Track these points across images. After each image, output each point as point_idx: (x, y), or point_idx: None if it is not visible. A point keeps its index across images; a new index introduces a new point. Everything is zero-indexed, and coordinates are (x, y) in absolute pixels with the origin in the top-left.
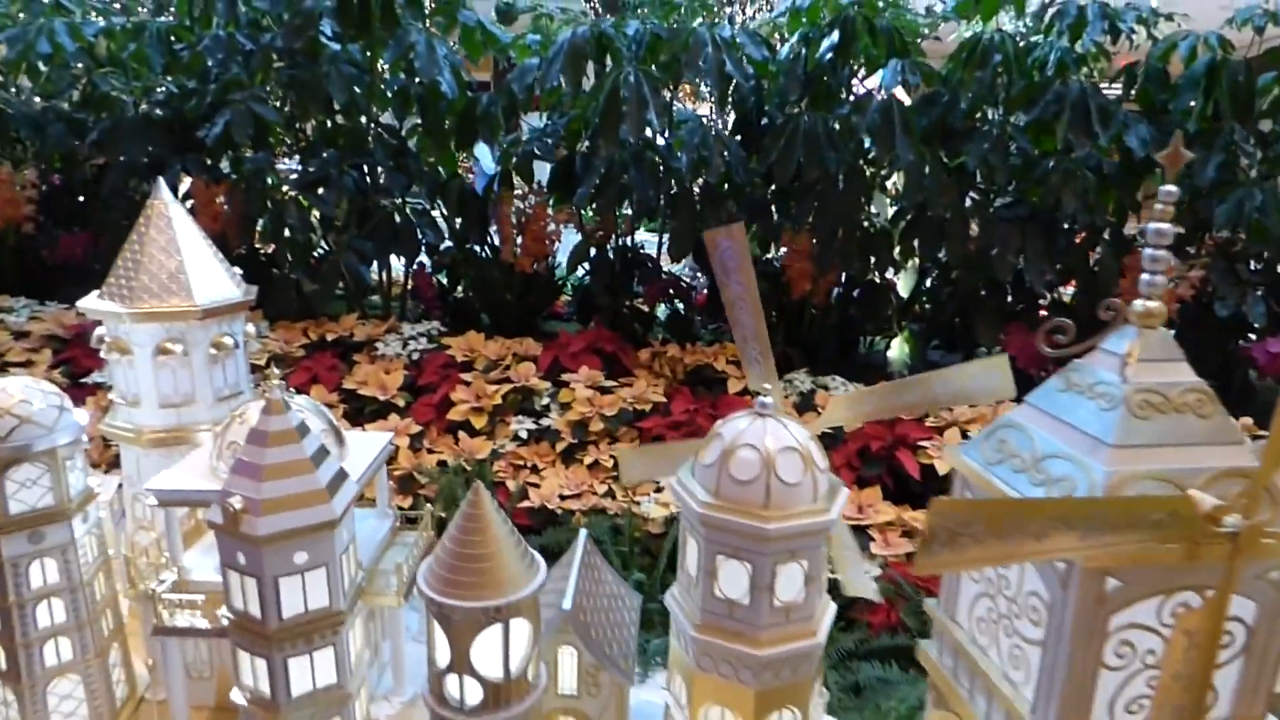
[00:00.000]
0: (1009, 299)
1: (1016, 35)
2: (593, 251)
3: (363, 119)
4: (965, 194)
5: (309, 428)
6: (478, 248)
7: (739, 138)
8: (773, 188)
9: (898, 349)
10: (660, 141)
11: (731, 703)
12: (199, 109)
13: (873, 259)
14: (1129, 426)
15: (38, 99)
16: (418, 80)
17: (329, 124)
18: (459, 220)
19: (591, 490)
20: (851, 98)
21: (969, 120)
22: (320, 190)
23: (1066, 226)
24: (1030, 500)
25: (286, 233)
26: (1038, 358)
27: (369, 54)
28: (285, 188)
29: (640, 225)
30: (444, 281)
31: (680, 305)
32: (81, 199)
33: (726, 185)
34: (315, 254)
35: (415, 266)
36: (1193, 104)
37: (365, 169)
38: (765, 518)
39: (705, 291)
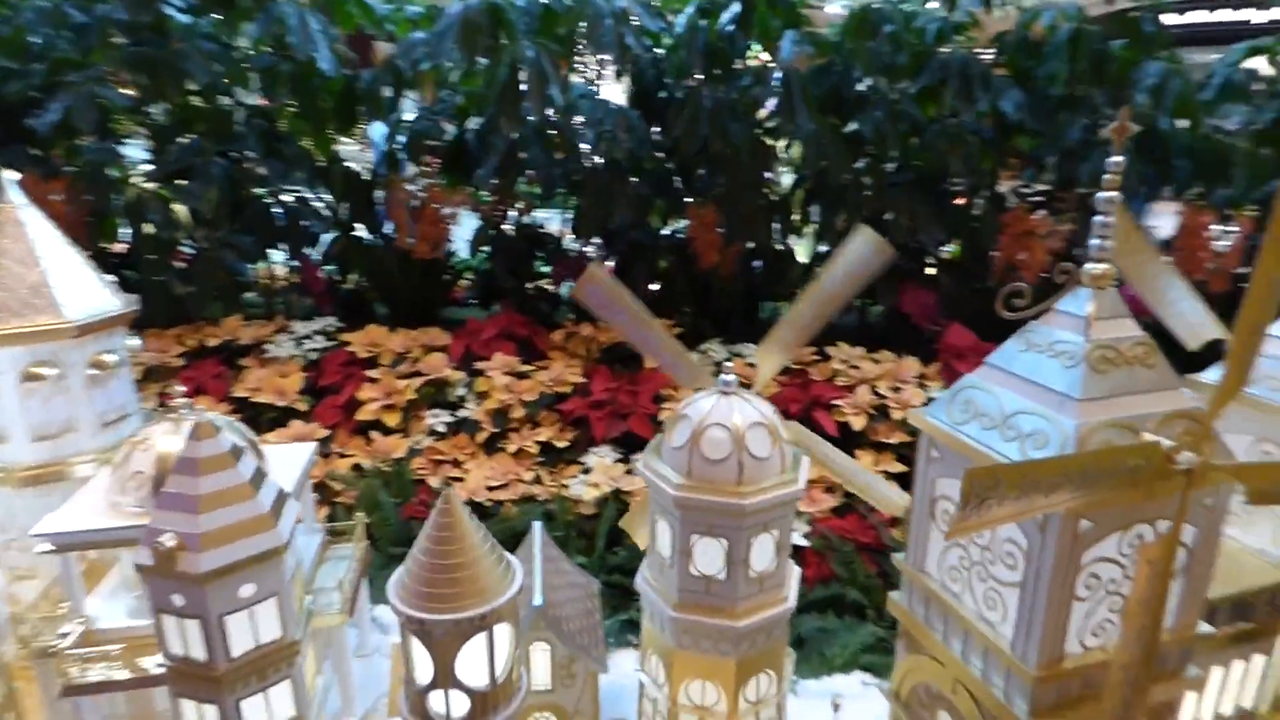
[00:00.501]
0: (901, 260)
1: (898, 4)
2: (492, 233)
3: (227, 100)
4: (859, 161)
5: (241, 449)
6: (368, 235)
7: (638, 112)
8: (676, 162)
9: None
10: (561, 118)
11: (712, 675)
12: (23, 93)
13: (775, 227)
14: (1091, 381)
15: None
16: (290, 57)
17: (185, 107)
18: (344, 207)
19: (519, 479)
20: (744, 68)
21: (864, 89)
22: (183, 181)
23: (950, 188)
24: (1042, 461)
25: (147, 230)
26: (931, 313)
27: (228, 28)
28: (139, 180)
29: (540, 204)
30: (334, 274)
31: None
32: None
33: (627, 160)
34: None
35: (300, 260)
36: (1058, 71)
37: (234, 156)
38: (741, 494)
39: (612, 267)
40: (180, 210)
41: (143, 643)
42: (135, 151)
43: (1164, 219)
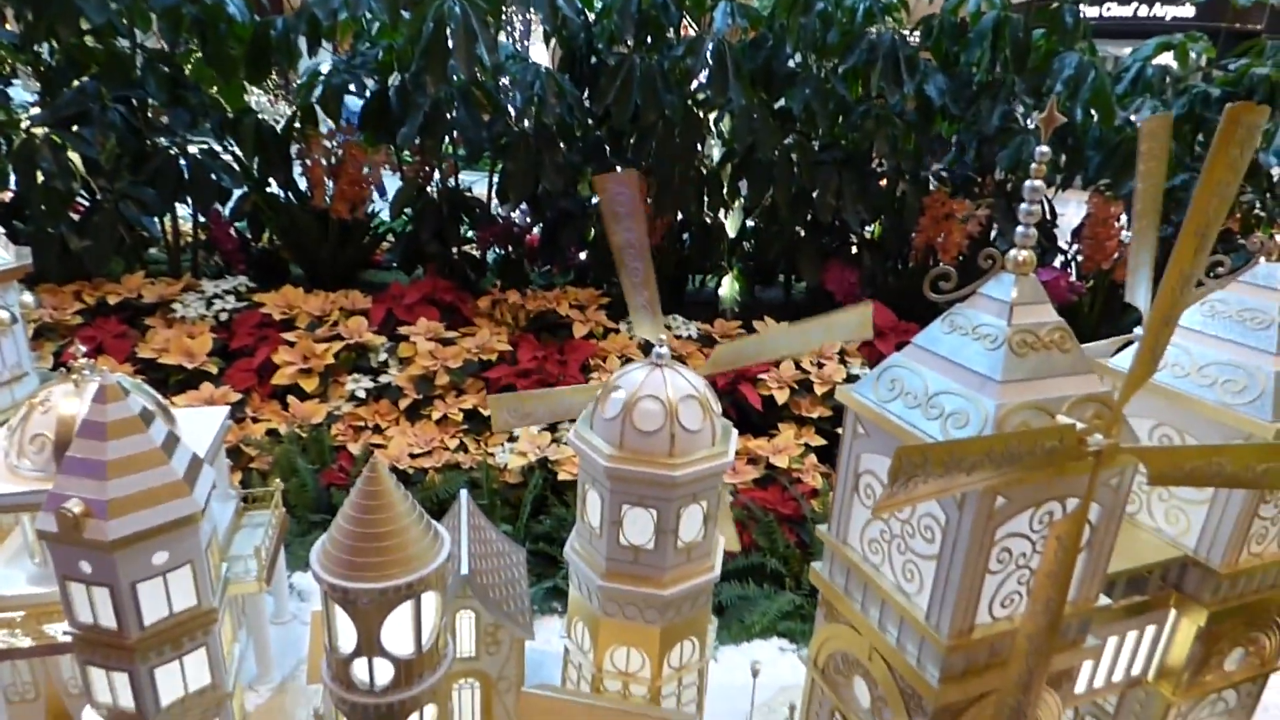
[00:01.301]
0: (826, 238)
1: None
2: (416, 196)
3: (123, 42)
4: (788, 137)
5: (151, 413)
6: (282, 193)
7: (567, 76)
8: (607, 130)
9: (728, 287)
10: (488, 78)
11: (637, 642)
12: None
13: (705, 200)
14: (1011, 363)
15: None
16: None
17: (78, 47)
18: (256, 162)
19: (443, 446)
20: (677, 39)
21: (794, 66)
22: (77, 128)
23: (875, 169)
24: (967, 441)
25: (39, 179)
26: (854, 291)
27: None
28: (28, 125)
29: (465, 167)
30: (246, 232)
31: (511, 250)
32: None
33: (557, 127)
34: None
35: (209, 216)
36: (980, 57)
37: (134, 102)
38: (672, 465)
39: (538, 235)
40: (75, 159)
41: (46, 610)
42: (22, 94)
43: (1073, 207)
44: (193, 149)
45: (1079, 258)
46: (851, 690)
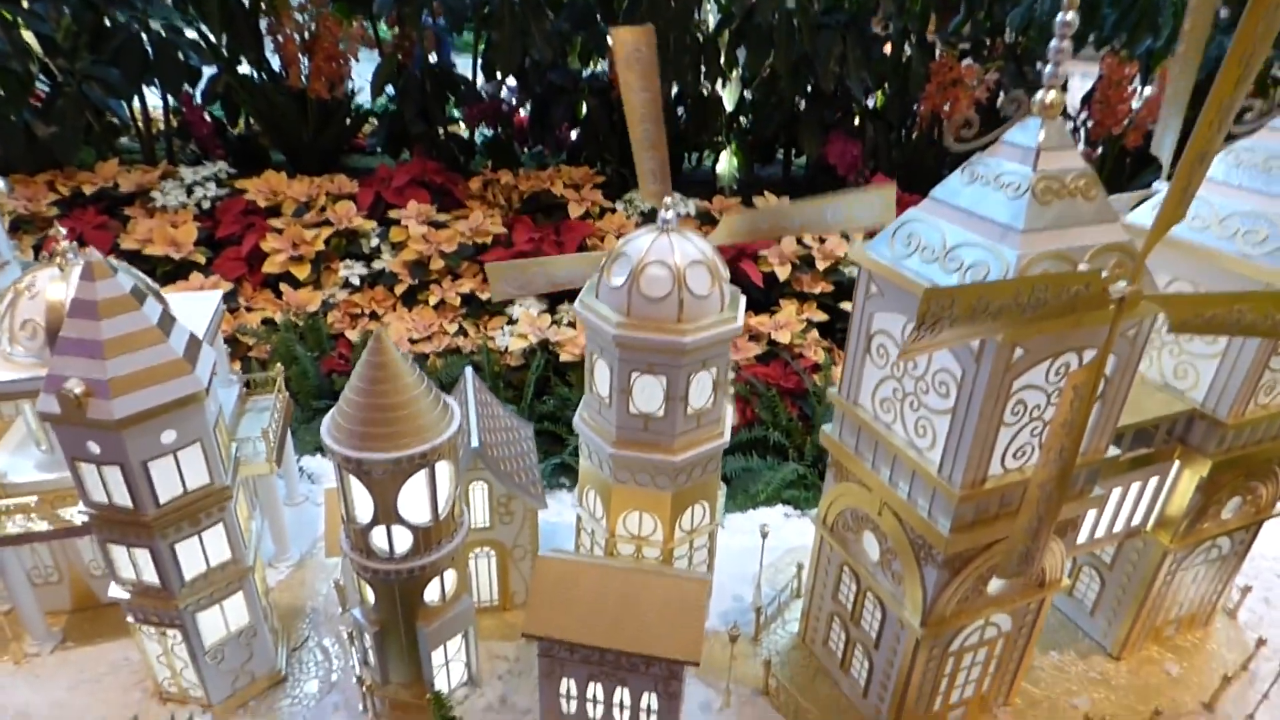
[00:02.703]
0: (827, 110)
1: None
2: (397, 74)
3: None
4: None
5: (143, 292)
6: (255, 73)
7: None
8: None
9: (725, 163)
10: None
11: (649, 507)
12: None
13: (703, 69)
14: (1034, 212)
15: None
16: None
17: None
18: (225, 39)
19: (442, 331)
20: None
21: None
22: (28, 3)
23: (879, 33)
24: (994, 284)
25: None
26: (856, 165)
27: None
28: None
29: (447, 38)
30: (220, 116)
31: (500, 129)
32: None
33: None
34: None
35: (180, 100)
36: None
37: None
38: (681, 331)
39: (527, 115)
40: (30, 39)
41: (59, 494)
42: None
43: (1076, 80)
44: (155, 25)
45: (1088, 124)
46: (860, 545)
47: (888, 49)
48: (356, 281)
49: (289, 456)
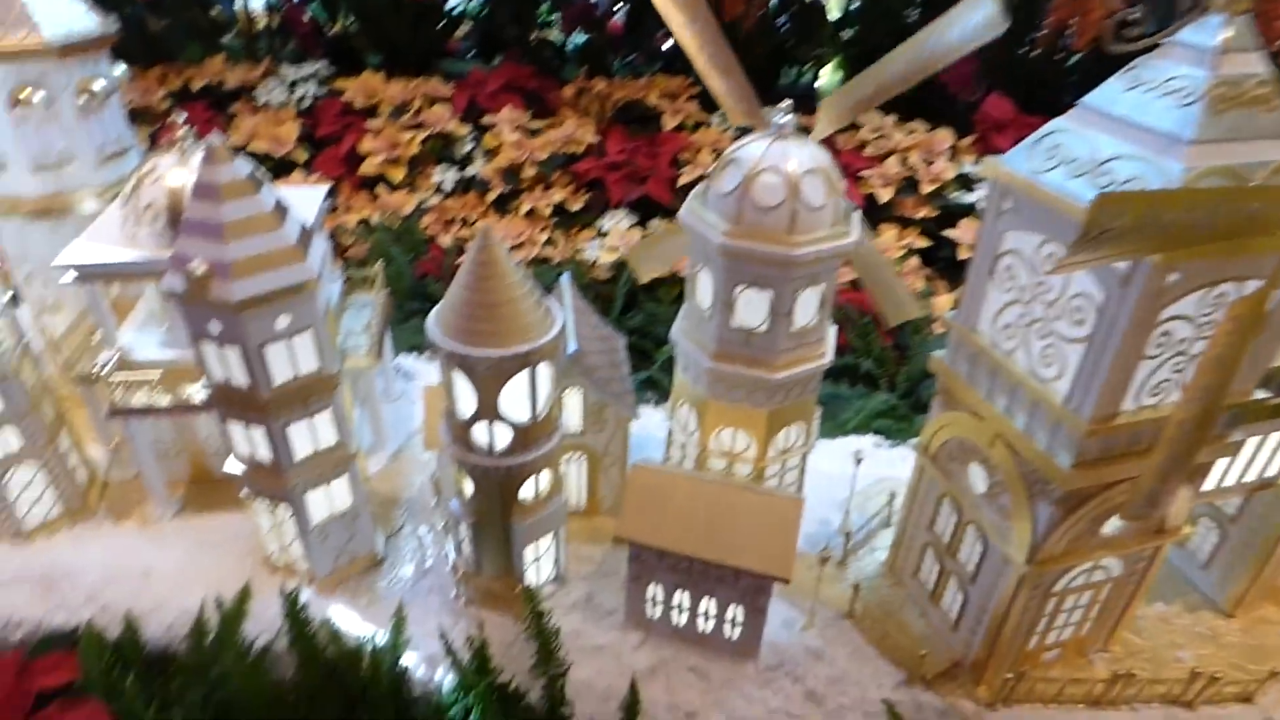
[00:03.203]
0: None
1: None
2: None
3: None
4: None
5: (260, 178)
6: None
7: None
8: None
9: (828, 78)
10: None
11: (744, 424)
12: None
13: None
14: (1207, 121)
15: None
16: None
17: None
18: None
19: (532, 240)
20: None
21: None
22: None
23: None
24: (1171, 192)
25: None
26: (969, 81)
27: None
28: None
29: None
30: (320, 16)
31: (594, 36)
32: None
33: None
34: None
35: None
36: None
37: None
38: (791, 243)
39: (623, 19)
40: None
41: (180, 372)
42: None
43: None
44: None
45: None
46: (965, 477)
47: None
48: (450, 186)
49: (387, 352)
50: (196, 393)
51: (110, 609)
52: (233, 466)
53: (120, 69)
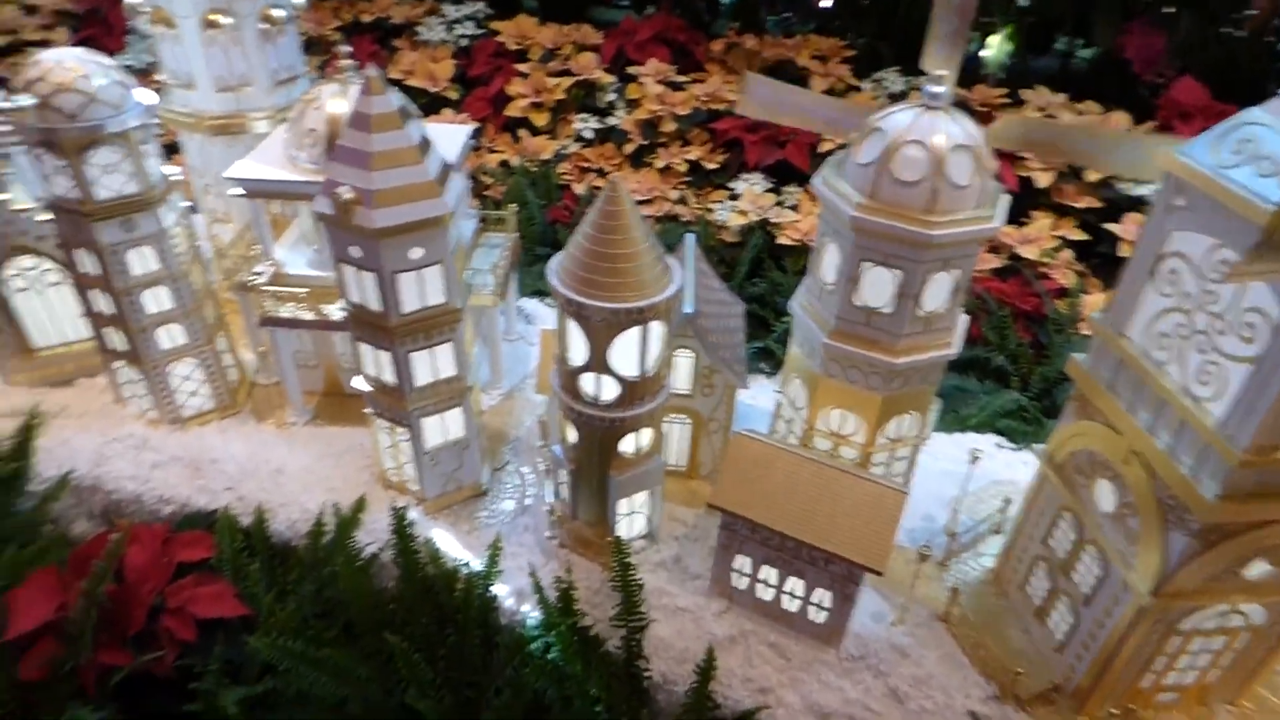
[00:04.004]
0: None
1: None
2: None
3: None
4: None
5: (409, 111)
6: None
7: None
8: None
9: (996, 47)
10: None
11: (856, 406)
12: None
13: None
14: None
15: None
16: None
17: None
18: None
19: (663, 196)
20: None
21: None
22: None
23: None
24: None
25: None
26: (1157, 62)
27: None
28: None
29: None
30: None
31: None
32: None
33: None
34: None
35: None
36: None
37: None
38: (929, 223)
39: None
40: None
41: (324, 290)
42: None
43: None
44: None
45: None
46: (1091, 493)
47: None
48: (589, 135)
49: (511, 294)
50: (335, 311)
51: (245, 499)
52: (359, 384)
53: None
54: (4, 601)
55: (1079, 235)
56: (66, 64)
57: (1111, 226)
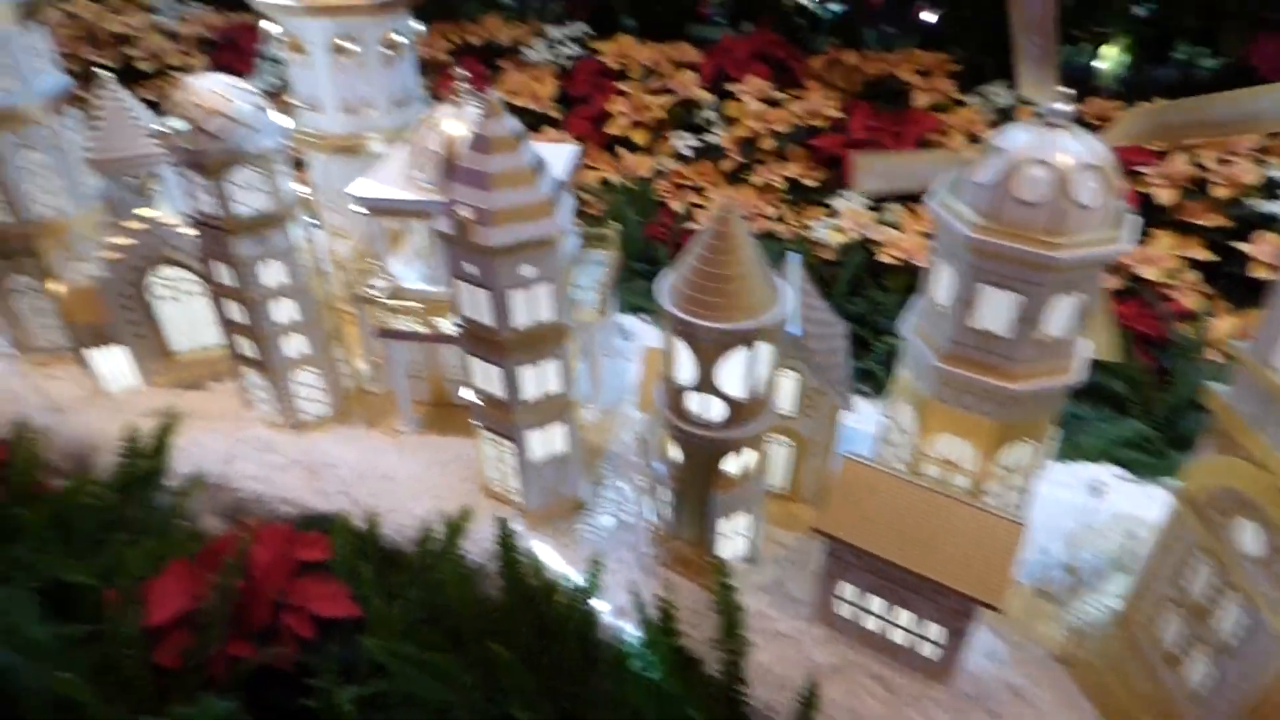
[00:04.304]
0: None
1: None
2: None
3: None
4: None
5: (523, 134)
6: None
7: None
8: None
9: (1111, 58)
10: None
11: (968, 433)
12: None
13: None
14: None
15: None
16: None
17: None
18: None
19: (761, 214)
20: None
21: None
22: None
23: None
24: None
25: None
26: None
27: None
28: None
29: None
30: None
31: (850, 5)
32: None
33: None
34: None
35: None
36: None
37: None
38: (1053, 245)
39: None
40: None
41: (437, 304)
42: None
43: None
44: None
45: None
46: (1234, 535)
47: None
48: (688, 153)
49: (611, 310)
50: (447, 325)
51: (358, 503)
52: (467, 395)
53: (419, 26)
54: (142, 591)
55: (1206, 255)
56: (214, 89)
57: (1241, 245)
